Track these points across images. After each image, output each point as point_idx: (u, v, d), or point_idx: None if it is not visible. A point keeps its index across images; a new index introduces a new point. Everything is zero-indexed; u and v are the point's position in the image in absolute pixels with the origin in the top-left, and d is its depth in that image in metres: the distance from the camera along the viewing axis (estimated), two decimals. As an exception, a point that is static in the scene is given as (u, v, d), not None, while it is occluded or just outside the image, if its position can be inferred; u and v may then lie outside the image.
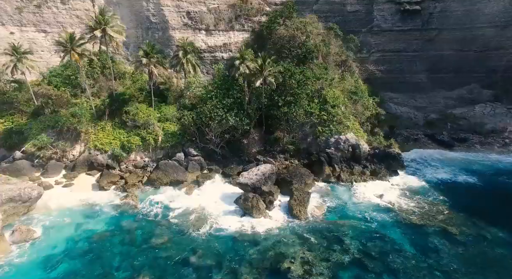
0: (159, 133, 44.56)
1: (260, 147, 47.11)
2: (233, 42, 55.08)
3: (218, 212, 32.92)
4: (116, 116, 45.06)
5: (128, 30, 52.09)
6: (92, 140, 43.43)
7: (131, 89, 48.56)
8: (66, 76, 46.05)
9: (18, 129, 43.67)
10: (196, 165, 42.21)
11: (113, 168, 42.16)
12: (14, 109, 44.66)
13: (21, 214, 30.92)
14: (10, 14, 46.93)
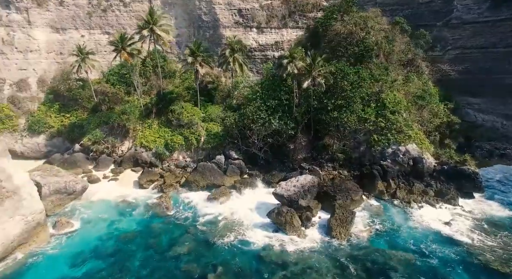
0: (201, 133, 43.84)
1: (307, 154, 43.28)
2: (286, 40, 51.98)
3: (248, 223, 30.41)
4: (162, 115, 45.60)
5: (181, 29, 52.75)
6: (139, 137, 44.55)
7: (180, 88, 48.86)
8: (121, 75, 48.12)
9: (79, 123, 47.08)
10: (235, 169, 40.29)
11: (155, 166, 42.65)
12: (78, 105, 48.25)
13: (66, 205, 32.43)
14: (82, 19, 50.84)
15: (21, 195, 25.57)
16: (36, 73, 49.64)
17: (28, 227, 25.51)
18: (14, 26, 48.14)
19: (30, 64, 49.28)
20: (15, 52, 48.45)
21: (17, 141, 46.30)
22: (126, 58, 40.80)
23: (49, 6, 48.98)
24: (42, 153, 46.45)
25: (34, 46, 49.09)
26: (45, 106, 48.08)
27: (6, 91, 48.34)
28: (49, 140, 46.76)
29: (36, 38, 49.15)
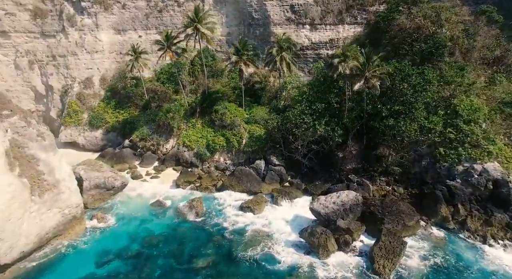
0: (243, 135, 42.03)
1: (357, 164, 38.36)
2: (342, 37, 47.23)
3: (280, 238, 27.62)
4: (206, 115, 45.01)
5: (231, 28, 51.66)
6: (182, 136, 44.62)
7: (226, 87, 47.81)
8: (170, 74, 48.90)
9: (131, 120, 49.17)
10: (275, 176, 37.56)
11: (196, 166, 42.18)
12: (131, 102, 50.47)
13: (106, 199, 33.48)
14: (140, 20, 53.16)
15: (60, 189, 26.63)
16: (99, 72, 53.38)
17: (64, 219, 26.48)
18: (85, 30, 52.32)
19: (95, 64, 53.16)
20: (84, 53, 52.70)
21: (80, 134, 50.24)
22: (171, 57, 41.00)
23: (113, 10, 52.10)
24: (99, 146, 49.66)
25: (99, 47, 52.78)
26: (104, 103, 51.36)
27: (75, 88, 52.90)
28: (105, 134, 49.80)
29: (101, 39, 52.77)
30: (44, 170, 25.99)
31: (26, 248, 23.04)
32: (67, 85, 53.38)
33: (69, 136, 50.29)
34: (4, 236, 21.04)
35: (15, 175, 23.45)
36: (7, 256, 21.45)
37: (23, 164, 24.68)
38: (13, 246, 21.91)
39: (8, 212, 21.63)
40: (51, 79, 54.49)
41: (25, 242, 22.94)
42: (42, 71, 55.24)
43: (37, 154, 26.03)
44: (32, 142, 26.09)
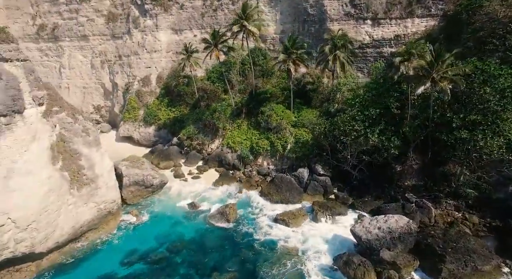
0: (289, 140, 39.19)
1: (418, 181, 32.69)
2: (410, 33, 40.87)
3: (312, 260, 24.46)
4: (252, 116, 43.24)
5: (285, 25, 48.97)
6: (227, 137, 43.60)
7: (276, 88, 45.40)
8: (220, 73, 48.34)
9: (181, 118, 50.09)
10: (318, 187, 34.03)
11: (238, 169, 40.80)
12: (182, 101, 51.41)
13: (145, 197, 33.97)
14: (196, 19, 53.88)
15: (98, 184, 27.41)
16: (157, 70, 55.65)
17: (99, 214, 27.18)
18: (146, 31, 55.08)
19: (154, 63, 55.58)
20: (144, 52, 55.51)
21: (136, 129, 53.00)
22: (217, 56, 40.12)
23: (172, 11, 53.70)
24: (151, 142, 51.69)
25: (158, 47, 54.99)
26: (158, 100, 53.29)
27: (135, 86, 56.08)
28: (157, 131, 51.63)
29: (160, 39, 54.90)
30: (85, 165, 26.96)
31: (61, 239, 23.98)
32: (129, 83, 56.83)
33: (127, 131, 53.38)
34: (39, 226, 22.04)
35: (56, 168, 24.58)
36: (42, 245, 22.44)
37: (66, 158, 25.84)
38: (48, 237, 22.90)
39: (45, 203, 22.63)
40: (117, 77, 58.67)
41: (60, 233, 23.89)
42: (110, 70, 59.89)
43: (80, 148, 27.10)
44: (77, 137, 27.25)
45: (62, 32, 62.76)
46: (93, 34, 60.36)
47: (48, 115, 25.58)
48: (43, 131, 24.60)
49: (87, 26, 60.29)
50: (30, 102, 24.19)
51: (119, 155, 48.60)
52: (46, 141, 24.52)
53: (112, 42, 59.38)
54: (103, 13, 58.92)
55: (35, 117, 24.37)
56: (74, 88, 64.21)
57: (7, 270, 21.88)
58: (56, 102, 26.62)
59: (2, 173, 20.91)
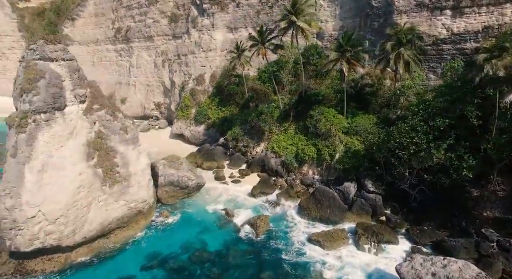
0: (338, 148, 34.97)
1: (503, 213, 25.91)
2: (508, 22, 32.64)
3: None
4: (301, 120, 39.90)
5: (345, 20, 44.18)
6: (272, 141, 41.07)
7: (329, 89, 41.21)
8: (271, 72, 45.91)
9: (229, 118, 49.19)
10: (366, 206, 29.37)
11: (281, 176, 38.08)
12: (232, 100, 50.48)
13: (180, 197, 33.54)
14: (251, 17, 52.37)
15: (130, 182, 27.52)
16: (211, 69, 55.82)
17: (129, 213, 27.28)
18: (203, 30, 55.68)
19: (208, 62, 55.90)
20: (200, 51, 56.23)
21: (187, 127, 53.92)
22: (263, 54, 37.68)
23: (228, 9, 53.10)
24: (200, 140, 51.97)
25: (213, 46, 55.07)
26: (209, 99, 53.29)
27: (190, 84, 57.25)
28: (206, 130, 51.66)
29: (216, 38, 54.89)
30: (119, 162, 27.28)
31: (89, 234, 24.47)
32: (185, 81, 58.25)
33: (179, 129, 54.66)
34: (67, 221, 22.66)
35: (90, 164, 25.18)
36: (69, 239, 23.09)
37: (102, 155, 26.39)
38: (76, 231, 23.50)
39: (74, 199, 23.22)
40: (175, 76, 60.73)
41: (88, 228, 24.39)
42: (170, 69, 62.35)
43: (116, 146, 27.50)
44: (114, 135, 27.73)
45: (133, 34, 67.59)
46: (157, 34, 63.58)
47: (88, 113, 26.40)
48: (81, 128, 25.42)
49: (152, 27, 63.75)
50: (72, 100, 25.16)
51: (169, 151, 49.89)
52: (83, 137, 25.27)
53: (173, 42, 61.68)
54: (167, 14, 61.51)
55: (75, 114, 25.29)
56: (140, 86, 68.68)
57: (41, 258, 22.98)
58: (97, 100, 27.40)
59: (37, 166, 21.93)
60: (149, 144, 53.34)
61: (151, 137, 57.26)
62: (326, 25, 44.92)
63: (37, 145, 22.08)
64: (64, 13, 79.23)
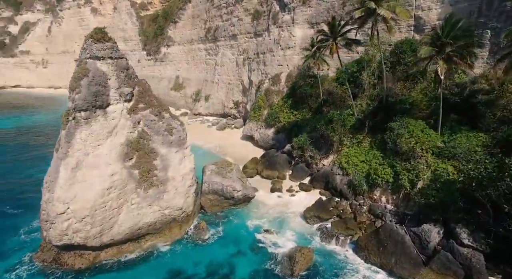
0: (422, 174, 26.47)
1: None
2: None
3: None
4: (379, 132, 32.19)
5: (457, 5, 33.72)
6: (342, 154, 34.52)
7: (420, 95, 32.07)
8: (351, 73, 38.82)
9: (300, 123, 44.28)
10: (454, 265, 20.80)
11: (346, 198, 31.61)
12: (306, 104, 45.26)
13: (225, 208, 30.90)
14: (335, 10, 44.88)
15: (167, 187, 26.08)
16: (288, 68, 51.62)
17: (162, 219, 25.87)
18: (283, 26, 51.90)
19: (286, 60, 51.85)
20: (279, 49, 52.67)
21: (257, 129, 51.24)
22: (334, 51, 31.25)
23: (311, 2, 47.78)
24: (269, 144, 48.55)
25: (292, 43, 50.70)
26: (282, 101, 49.18)
27: (265, 84, 54.42)
28: (275, 134, 47.84)
29: (295, 35, 50.34)
30: (158, 165, 26.10)
31: (117, 237, 23.88)
32: (261, 81, 55.67)
33: (249, 130, 52.48)
34: (93, 221, 22.37)
35: (126, 165, 24.56)
36: (95, 240, 22.81)
37: (141, 156, 25.61)
38: (104, 232, 23.11)
39: (103, 199, 22.79)
40: (253, 75, 58.88)
41: (117, 231, 23.81)
42: (249, 67, 60.87)
43: (158, 148, 26.40)
44: (157, 136, 26.70)
45: (220, 33, 68.95)
46: (240, 33, 62.92)
47: (132, 112, 25.88)
48: (123, 127, 25.02)
49: (237, 25, 63.40)
50: (116, 98, 24.91)
51: (236, 153, 48.69)
52: (123, 137, 24.80)
53: (254, 40, 59.91)
54: (250, 11, 60.04)
55: (118, 113, 25.00)
56: (222, 84, 69.69)
57: (74, 252, 23.41)
58: (144, 99, 26.70)
59: (72, 164, 22.16)
60: (219, 143, 53.22)
61: (223, 137, 57.04)
62: (429, 13, 35.24)
63: (74, 143, 22.35)
64: (170, 17, 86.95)
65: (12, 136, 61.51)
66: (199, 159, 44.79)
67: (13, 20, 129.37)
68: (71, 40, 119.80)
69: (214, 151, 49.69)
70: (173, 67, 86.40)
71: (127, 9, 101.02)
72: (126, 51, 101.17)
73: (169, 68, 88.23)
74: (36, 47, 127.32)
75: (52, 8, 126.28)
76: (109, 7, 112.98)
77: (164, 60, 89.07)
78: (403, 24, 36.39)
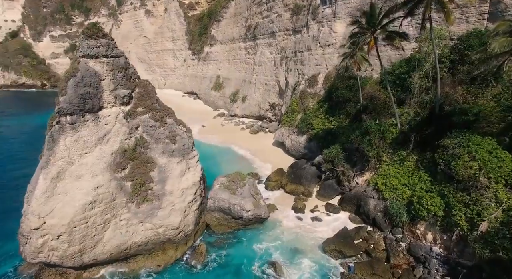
0: (487, 212, 19.54)
1: None
2: None
3: None
4: (428, 149, 25.41)
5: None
6: (379, 173, 28.30)
7: (490, 104, 24.45)
8: (398, 74, 32.04)
9: (334, 132, 38.48)
10: None
11: (380, 228, 25.59)
12: (343, 109, 39.20)
13: (233, 228, 26.89)
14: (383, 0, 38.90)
15: (162, 203, 22.97)
16: (326, 68, 45.79)
17: (155, 239, 22.81)
18: (323, 21, 46.23)
19: (325, 59, 46.06)
20: (317, 47, 47.11)
21: (289, 135, 46.31)
22: (371, 46, 25.09)
23: (356, -9, 41.47)
24: (300, 153, 43.43)
25: (332, 40, 44.77)
26: (318, 105, 43.53)
27: (301, 86, 49.22)
28: (308, 142, 42.45)
29: (336, 31, 44.34)
30: (155, 177, 23.12)
31: (101, 257, 21.30)
32: (298, 82, 50.62)
33: (281, 136, 47.83)
34: (71, 239, 19.98)
35: (117, 176, 21.93)
36: (74, 260, 20.39)
37: (136, 166, 22.86)
38: (84, 251, 20.67)
39: (85, 215, 20.33)
40: (289, 75, 54.08)
41: (101, 250, 21.25)
42: (286, 67, 56.11)
43: (156, 157, 23.44)
44: (157, 143, 23.76)
45: (259, 31, 65.25)
46: (279, 30, 58.44)
47: (130, 116, 23.21)
48: (117, 133, 22.45)
49: (275, 22, 59.05)
50: (111, 101, 22.42)
51: (264, 159, 44.53)
52: (116, 144, 22.22)
53: (292, 37, 54.98)
54: (290, 7, 55.23)
55: (113, 118, 22.49)
56: (259, 84, 65.89)
57: (56, 269, 21.41)
58: (144, 103, 23.89)
59: (52, 173, 20.05)
60: (248, 148, 49.49)
61: (254, 141, 53.14)
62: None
63: (57, 150, 20.22)
64: (214, 16, 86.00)
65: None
66: (221, 165, 41.93)
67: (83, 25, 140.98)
68: (127, 41, 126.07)
69: (240, 157, 46.13)
70: (215, 66, 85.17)
71: (176, 10, 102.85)
72: (174, 51, 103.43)
73: (210, 67, 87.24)
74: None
75: (113, 12, 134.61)
76: (160, 9, 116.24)
77: (207, 59, 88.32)
78: (472, 11, 28.68)
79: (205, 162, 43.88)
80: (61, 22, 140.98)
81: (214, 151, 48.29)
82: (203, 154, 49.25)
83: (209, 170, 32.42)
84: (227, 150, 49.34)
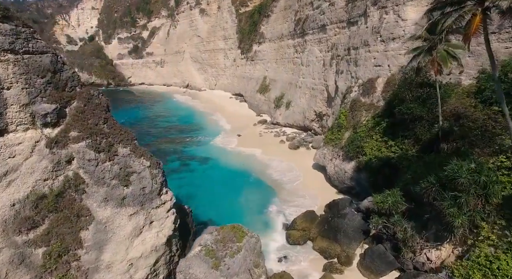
0: None
1: None
2: None
3: None
4: None
5: None
6: (475, 256, 15.96)
7: None
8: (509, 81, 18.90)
9: (395, 162, 26.36)
10: None
11: None
12: (410, 130, 26.70)
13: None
14: None
15: None
16: (389, 71, 33.18)
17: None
18: (388, 6, 33.79)
19: (387, 58, 33.50)
20: (377, 42, 34.77)
21: (332, 159, 34.88)
22: (476, 25, 12.94)
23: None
24: (344, 186, 31.98)
25: (399, 31, 32.13)
26: (374, 121, 31.20)
27: (353, 93, 37.30)
28: (356, 171, 30.55)
29: (405, 18, 31.58)
30: (87, 240, 14.87)
31: None
32: (349, 87, 38.80)
33: (322, 158, 36.60)
34: None
35: (17, 240, 14.06)
36: None
37: (58, 222, 14.86)
38: None
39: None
40: (340, 79, 42.58)
41: None
42: (337, 68, 44.51)
43: (94, 207, 15.18)
44: (99, 186, 15.51)
45: (308, 25, 54.90)
46: (330, 22, 47.06)
47: (57, 144, 15.29)
48: (31, 171, 14.68)
49: (327, 13, 47.86)
50: (24, 122, 14.73)
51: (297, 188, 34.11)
52: (25, 189, 14.43)
53: (346, 31, 43.15)
54: (345, -9, 43.37)
55: (27, 146, 14.79)
56: (305, 89, 55.16)
57: None
58: (81, 124, 15.74)
59: None
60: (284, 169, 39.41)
61: (291, 159, 42.69)
62: None
63: None
64: (263, 11, 78.50)
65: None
66: (236, 192, 32.55)
67: (145, 27, 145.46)
68: (182, 41, 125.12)
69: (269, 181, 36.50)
70: (262, 66, 76.81)
71: (228, 7, 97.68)
72: (225, 50, 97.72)
73: (258, 67, 79.09)
74: (157, 49, 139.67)
75: (171, 13, 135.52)
76: (214, 7, 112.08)
77: (254, 59, 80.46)
78: None
79: (215, 186, 35.14)
80: (127, 25, 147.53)
81: (232, 170, 39.62)
82: (218, 169, 40.75)
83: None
84: (251, 169, 39.89)
